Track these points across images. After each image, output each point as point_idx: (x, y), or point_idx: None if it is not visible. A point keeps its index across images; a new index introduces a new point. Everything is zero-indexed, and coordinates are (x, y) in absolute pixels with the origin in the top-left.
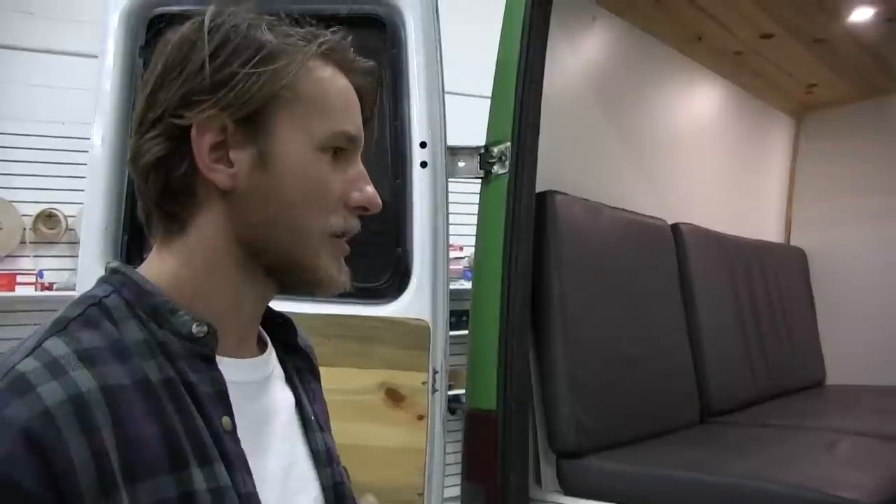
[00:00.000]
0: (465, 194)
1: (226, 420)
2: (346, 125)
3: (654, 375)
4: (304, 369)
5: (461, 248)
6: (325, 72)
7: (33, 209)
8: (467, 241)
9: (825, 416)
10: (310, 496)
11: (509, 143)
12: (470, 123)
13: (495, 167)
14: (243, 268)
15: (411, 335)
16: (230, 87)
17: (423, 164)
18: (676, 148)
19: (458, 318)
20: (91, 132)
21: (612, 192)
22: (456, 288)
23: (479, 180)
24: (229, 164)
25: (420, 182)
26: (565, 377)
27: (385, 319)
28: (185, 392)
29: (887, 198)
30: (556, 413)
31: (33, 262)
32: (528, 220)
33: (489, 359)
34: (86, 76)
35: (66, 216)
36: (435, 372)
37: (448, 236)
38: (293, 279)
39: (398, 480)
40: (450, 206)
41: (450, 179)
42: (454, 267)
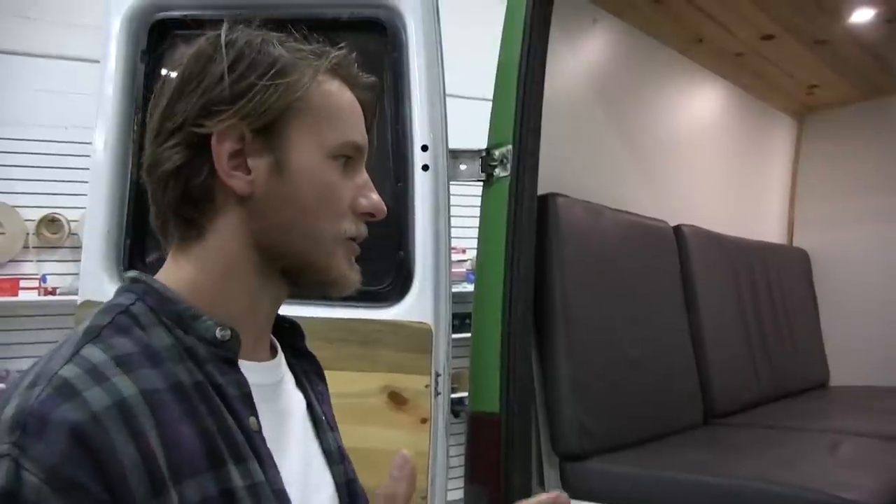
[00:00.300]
0: (467, 197)
1: (252, 420)
2: (353, 135)
3: (657, 377)
4: (311, 372)
5: (463, 251)
6: (332, 85)
7: (36, 214)
8: (469, 244)
9: (828, 418)
10: (326, 493)
11: (511, 146)
12: (471, 126)
13: (497, 170)
14: (260, 271)
15: (414, 338)
16: (249, 98)
17: (425, 168)
18: (678, 149)
19: (461, 321)
20: (93, 136)
21: (613, 194)
22: (458, 291)
23: (481, 183)
24: (247, 171)
25: (422, 185)
26: (568, 379)
27: (387, 323)
28: (215, 394)
29: (889, 198)
30: (559, 415)
31: (36, 267)
32: (529, 222)
33: (492, 361)
34: (88, 81)
35: (68, 221)
36: (438, 375)
37: (450, 239)
38: (308, 280)
39: None
40: (451, 209)
41: (451, 182)
42: (456, 270)
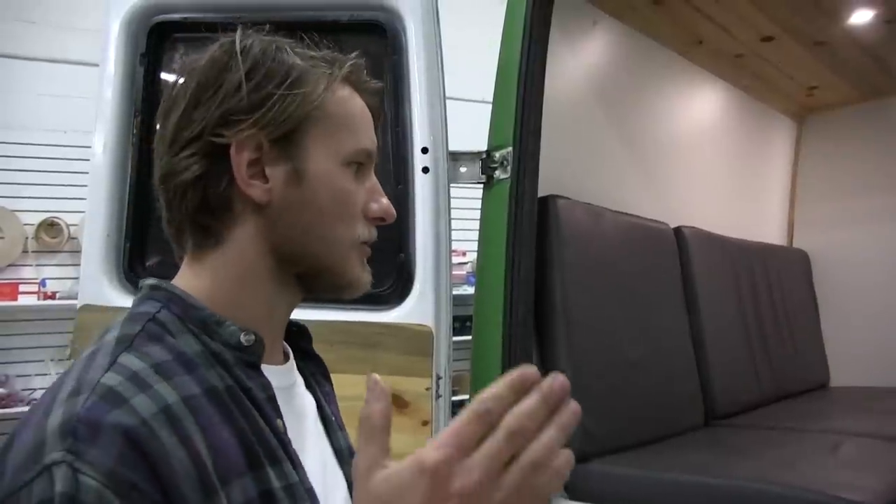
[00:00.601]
0: (468, 199)
1: (279, 423)
2: (366, 142)
3: (658, 379)
4: (318, 373)
5: (464, 254)
6: (345, 91)
7: (35, 218)
8: (470, 247)
9: (829, 418)
10: (341, 492)
11: (511, 148)
12: (471, 128)
13: (497, 172)
14: (275, 278)
15: (414, 341)
16: (268, 108)
17: (425, 170)
18: (678, 151)
19: (462, 324)
20: (92, 140)
21: (614, 196)
22: (459, 293)
23: (481, 185)
24: (265, 179)
25: (422, 188)
26: (569, 381)
27: (388, 325)
28: (245, 398)
29: (889, 199)
30: None
31: (36, 271)
32: (530, 224)
33: (493, 364)
34: (89, 84)
35: (68, 225)
36: (438, 377)
37: (450, 242)
38: (322, 283)
39: None
40: (452, 212)
41: (452, 185)
42: (457, 272)
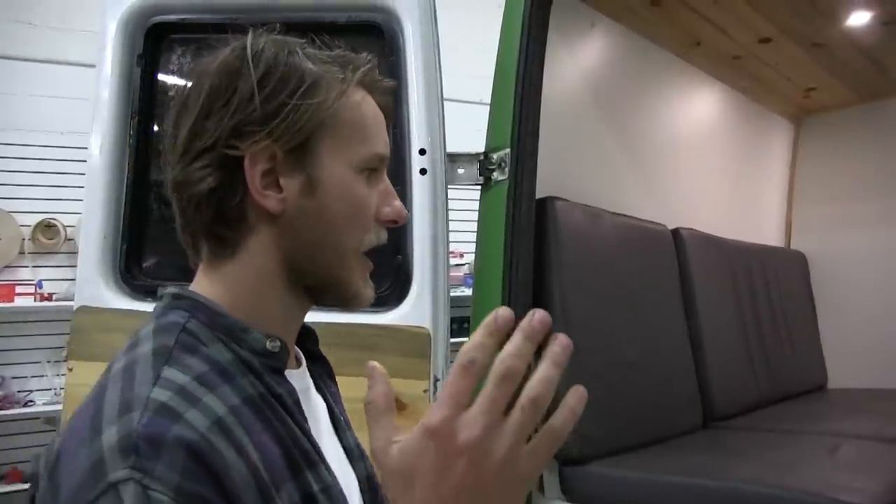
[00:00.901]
0: (465, 201)
1: (306, 426)
2: (379, 147)
3: (656, 381)
4: (325, 374)
5: (461, 255)
6: (357, 95)
7: (32, 219)
8: (468, 248)
9: (827, 420)
10: (356, 489)
11: (509, 150)
12: (469, 130)
13: (495, 173)
14: (289, 286)
15: (412, 343)
16: (282, 119)
17: (423, 171)
18: (676, 153)
19: (459, 326)
20: (89, 141)
21: (612, 198)
22: (457, 295)
23: (479, 187)
24: (279, 189)
25: (420, 189)
26: (567, 383)
27: (386, 327)
28: (278, 404)
29: (887, 201)
30: None
31: (32, 273)
32: (528, 226)
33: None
34: (86, 85)
35: (64, 226)
36: (436, 380)
37: (448, 243)
38: (328, 294)
39: None
40: (450, 213)
41: (449, 186)
42: (455, 274)
